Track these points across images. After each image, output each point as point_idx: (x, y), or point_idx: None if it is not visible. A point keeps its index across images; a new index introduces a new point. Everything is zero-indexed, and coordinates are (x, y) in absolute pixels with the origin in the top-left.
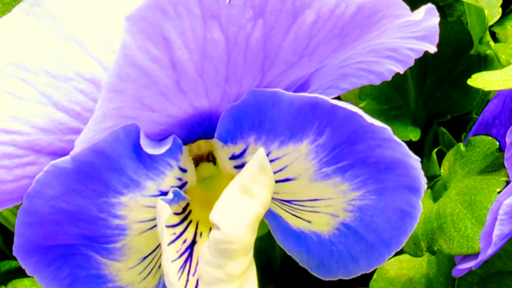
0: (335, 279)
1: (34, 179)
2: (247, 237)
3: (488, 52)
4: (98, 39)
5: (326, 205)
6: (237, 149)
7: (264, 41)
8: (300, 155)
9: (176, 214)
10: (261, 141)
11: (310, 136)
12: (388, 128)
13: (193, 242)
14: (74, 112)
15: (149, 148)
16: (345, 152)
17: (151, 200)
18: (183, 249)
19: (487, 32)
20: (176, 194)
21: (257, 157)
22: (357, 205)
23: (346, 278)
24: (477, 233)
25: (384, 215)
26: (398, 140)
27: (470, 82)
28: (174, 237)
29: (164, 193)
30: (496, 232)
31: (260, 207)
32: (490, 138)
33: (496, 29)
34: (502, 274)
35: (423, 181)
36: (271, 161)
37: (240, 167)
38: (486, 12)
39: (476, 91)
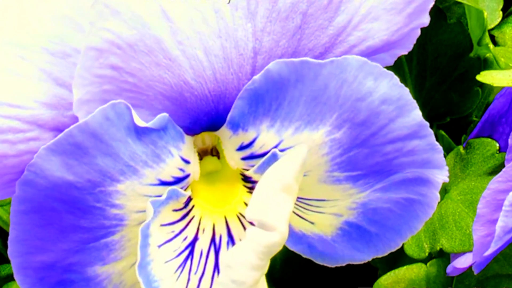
0: (343, 265)
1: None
2: None
3: (488, 55)
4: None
5: (332, 205)
6: (247, 137)
7: None
8: (313, 145)
9: (175, 210)
10: (274, 128)
11: (327, 126)
12: (423, 127)
13: (195, 239)
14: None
15: (142, 122)
16: (361, 157)
17: (150, 189)
18: (182, 248)
19: (486, 34)
20: (171, 194)
21: (301, 153)
22: (361, 202)
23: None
24: None
25: (387, 205)
26: (431, 144)
27: (479, 77)
28: (171, 235)
29: (165, 183)
30: (500, 224)
31: (293, 204)
32: (490, 140)
33: (495, 33)
34: (499, 278)
35: (438, 169)
36: (282, 150)
37: (248, 158)
38: (485, 14)
39: (475, 93)
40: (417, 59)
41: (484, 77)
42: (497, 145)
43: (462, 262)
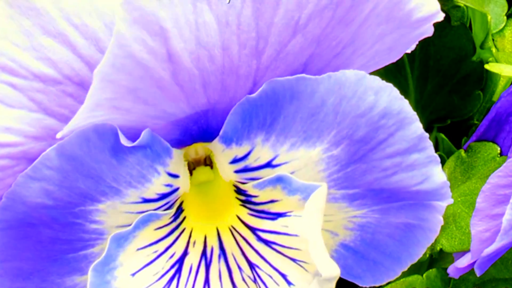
0: None
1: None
2: None
3: (490, 59)
4: (86, 35)
5: (326, 220)
6: (240, 151)
7: (255, 19)
8: (310, 162)
9: (159, 228)
10: (269, 143)
11: (325, 143)
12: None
13: (184, 254)
14: (63, 117)
15: (127, 142)
16: (358, 174)
17: (132, 206)
18: (167, 267)
19: (490, 37)
20: (147, 218)
21: (322, 194)
22: (358, 222)
23: None
24: None
25: (386, 231)
26: (432, 163)
27: (487, 66)
28: (152, 257)
29: (148, 201)
30: (506, 217)
31: None
32: (491, 143)
33: (495, 37)
34: (496, 282)
35: (440, 193)
36: (277, 165)
37: (242, 171)
38: (489, 17)
39: (476, 97)
40: (419, 60)
41: (492, 66)
42: (499, 148)
43: (464, 262)
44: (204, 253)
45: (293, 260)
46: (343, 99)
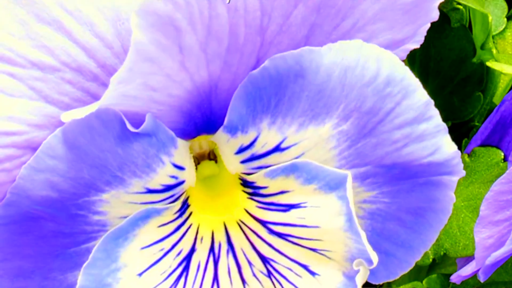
0: None
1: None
2: None
3: (487, 63)
4: (80, 20)
5: None
6: (246, 139)
7: None
8: (320, 141)
9: (165, 224)
10: (275, 126)
11: (334, 118)
12: (430, 108)
13: (192, 250)
14: (63, 104)
15: (132, 128)
16: (369, 148)
17: (136, 196)
18: (175, 265)
19: (490, 38)
20: (143, 216)
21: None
22: (368, 209)
23: None
24: None
25: (397, 217)
26: (438, 126)
27: (489, 63)
28: (160, 254)
29: (152, 191)
30: None
31: None
32: (495, 148)
33: (496, 39)
34: (496, 285)
35: (452, 164)
36: (286, 148)
37: (248, 160)
38: (490, 18)
39: (477, 98)
40: (419, 62)
41: (494, 64)
42: (502, 154)
43: (468, 270)
44: (212, 249)
45: (314, 250)
46: (348, 70)
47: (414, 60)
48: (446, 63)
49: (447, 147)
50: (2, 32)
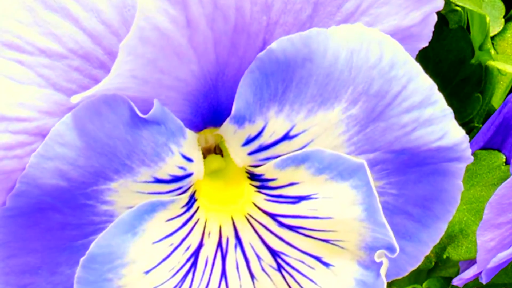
0: None
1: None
2: None
3: (487, 62)
4: (87, 7)
5: None
6: (254, 129)
7: None
8: (329, 126)
9: (173, 219)
10: (283, 114)
11: (343, 102)
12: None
13: (200, 245)
14: (71, 92)
15: (141, 114)
16: (378, 133)
17: (143, 186)
18: (183, 261)
19: (489, 39)
20: (148, 210)
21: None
22: None
23: None
24: None
25: (404, 210)
26: (444, 111)
27: (491, 62)
28: (170, 249)
29: (160, 181)
30: None
31: None
32: (496, 151)
33: (496, 40)
34: (495, 287)
35: (460, 149)
36: (295, 135)
37: (255, 151)
38: (488, 19)
39: (476, 99)
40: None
41: (497, 63)
42: (504, 157)
43: (470, 273)
44: (219, 244)
45: (326, 241)
46: (354, 52)
47: None
48: (445, 64)
49: (455, 132)
50: (10, 19)
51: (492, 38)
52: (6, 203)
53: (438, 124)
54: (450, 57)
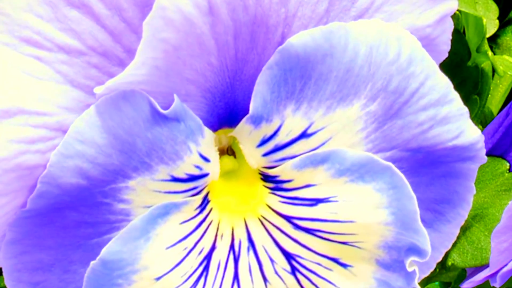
0: None
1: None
2: None
3: (483, 65)
4: (110, 5)
5: None
6: (270, 128)
7: None
8: (348, 123)
9: (187, 221)
10: (300, 112)
11: (362, 99)
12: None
13: (212, 248)
14: (89, 89)
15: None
16: (396, 131)
17: (161, 184)
18: (196, 265)
19: (485, 41)
20: (161, 213)
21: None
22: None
23: None
24: (490, 244)
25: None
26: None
27: (496, 58)
28: (184, 254)
29: (177, 180)
30: None
31: None
32: (500, 158)
33: (497, 41)
34: None
35: (476, 148)
36: (313, 133)
37: (271, 152)
38: (484, 21)
39: (473, 101)
40: None
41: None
42: (508, 164)
43: (482, 276)
44: (232, 247)
45: (344, 243)
46: (373, 48)
47: None
48: (442, 67)
49: (471, 131)
50: (30, 14)
51: (489, 38)
52: (26, 205)
53: (455, 123)
54: (447, 60)
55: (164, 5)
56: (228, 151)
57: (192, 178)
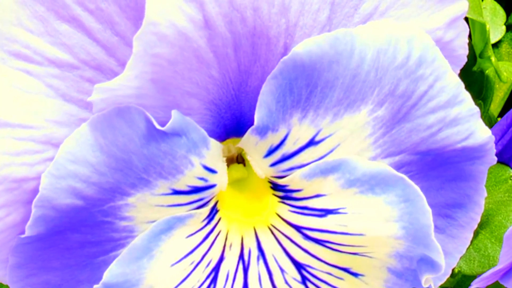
0: None
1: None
2: None
3: (487, 71)
4: (101, 19)
5: None
6: (276, 138)
7: None
8: (356, 129)
9: (193, 234)
10: (307, 120)
11: (369, 104)
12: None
13: (221, 259)
14: (83, 103)
15: (159, 126)
16: (404, 135)
17: (162, 198)
18: (203, 278)
19: (489, 46)
20: (164, 229)
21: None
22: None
23: None
24: (497, 251)
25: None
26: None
27: (503, 64)
28: (190, 269)
29: (179, 192)
30: None
31: None
32: (503, 165)
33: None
34: None
35: (486, 149)
36: (320, 140)
37: (278, 162)
38: (488, 26)
39: (478, 106)
40: None
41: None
42: (511, 171)
43: (490, 271)
44: (241, 256)
45: (355, 254)
46: (380, 52)
47: None
48: None
49: (481, 132)
50: (20, 28)
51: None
52: (25, 232)
53: (464, 124)
54: None
55: (155, 21)
56: (238, 158)
57: (196, 190)
